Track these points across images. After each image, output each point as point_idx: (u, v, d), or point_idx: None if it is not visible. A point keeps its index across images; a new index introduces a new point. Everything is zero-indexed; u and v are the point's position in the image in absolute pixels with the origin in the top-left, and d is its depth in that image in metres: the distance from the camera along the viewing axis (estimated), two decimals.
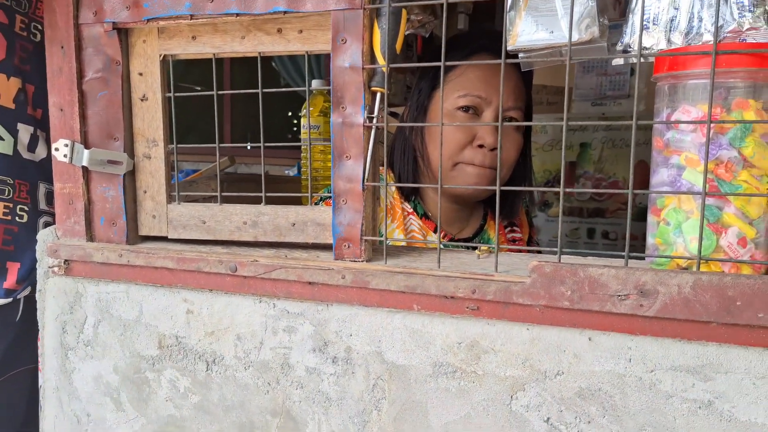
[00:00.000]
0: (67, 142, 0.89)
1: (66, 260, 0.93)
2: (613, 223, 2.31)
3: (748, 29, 0.70)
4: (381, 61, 0.76)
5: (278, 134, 5.37)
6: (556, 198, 2.39)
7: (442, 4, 0.82)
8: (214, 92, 0.86)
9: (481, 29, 1.26)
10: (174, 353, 0.90)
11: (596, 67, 2.50)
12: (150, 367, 0.92)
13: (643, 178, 2.44)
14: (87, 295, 0.93)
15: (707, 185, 0.65)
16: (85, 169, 0.91)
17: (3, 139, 0.99)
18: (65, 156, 0.89)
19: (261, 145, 0.85)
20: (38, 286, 0.97)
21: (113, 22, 0.86)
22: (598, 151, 2.32)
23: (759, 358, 0.64)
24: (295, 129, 5.20)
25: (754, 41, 0.69)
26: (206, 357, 0.88)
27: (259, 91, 0.84)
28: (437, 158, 1.10)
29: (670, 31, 0.75)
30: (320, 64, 4.32)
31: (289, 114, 5.28)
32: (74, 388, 0.97)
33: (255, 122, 4.97)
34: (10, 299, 1.03)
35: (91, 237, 0.94)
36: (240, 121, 5.08)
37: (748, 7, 0.70)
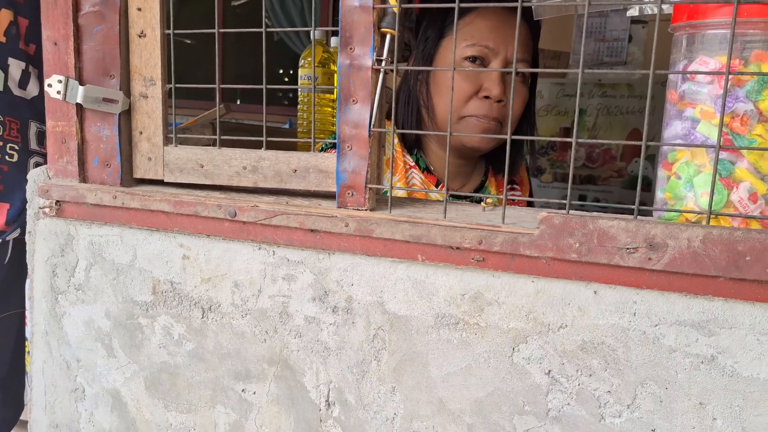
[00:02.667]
0: (61, 78, 0.85)
1: (57, 201, 0.90)
2: (605, 190, 2.31)
3: None
4: (392, 1, 0.74)
5: (268, 91, 5.28)
6: (549, 164, 2.39)
7: None
8: (215, 30, 0.83)
9: None
10: (169, 299, 0.88)
11: (594, 32, 2.47)
12: (143, 312, 0.90)
13: (634, 147, 2.44)
14: (79, 238, 0.91)
15: (722, 139, 0.64)
16: (79, 107, 0.88)
17: None
18: (59, 92, 0.86)
19: (263, 87, 0.83)
20: (28, 228, 0.94)
21: None
22: (592, 118, 2.31)
23: (764, 314, 0.63)
24: (286, 80, 5.12)
25: None
26: (202, 304, 0.87)
27: (262, 30, 0.81)
28: (442, 109, 1.08)
29: None
30: (315, 17, 4.25)
31: (280, 72, 5.19)
32: (64, 333, 0.95)
33: (244, 78, 4.87)
34: None
35: (84, 178, 0.91)
36: (229, 79, 4.99)
37: None
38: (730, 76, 0.64)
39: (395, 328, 0.78)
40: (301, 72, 1.40)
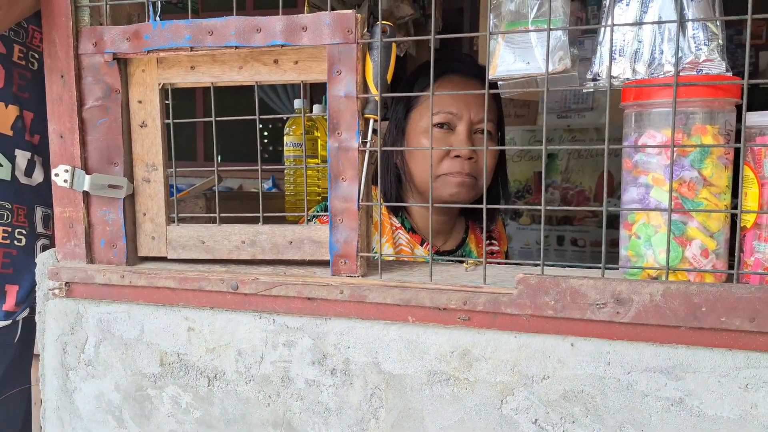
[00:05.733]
0: (68, 167, 0.92)
1: (67, 282, 0.96)
2: (581, 230, 2.41)
3: (704, 61, 0.78)
4: (374, 90, 0.82)
5: (245, 144, 5.40)
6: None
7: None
8: (213, 119, 0.90)
9: (448, 53, 1.36)
10: (176, 370, 0.93)
11: None
12: (152, 384, 0.95)
13: (607, 186, 2.54)
14: (88, 316, 0.96)
15: (673, 202, 0.72)
16: (85, 194, 0.94)
17: (2, 165, 1.02)
18: (65, 181, 0.92)
19: (258, 168, 0.90)
20: (38, 308, 0.99)
21: (113, 53, 0.90)
22: (564, 162, 2.42)
23: (722, 358, 0.71)
24: (266, 140, 5.21)
25: (710, 72, 0.76)
26: (207, 373, 0.92)
27: (256, 117, 0.89)
28: (419, 173, 1.18)
29: (635, 61, 0.83)
30: (294, 86, 4.36)
31: (260, 126, 5.29)
32: (75, 407, 0.99)
33: (222, 131, 4.95)
34: (9, 321, 1.05)
35: (91, 259, 0.97)
36: (210, 136, 5.09)
37: (703, 41, 0.78)
38: (676, 148, 0.73)
39: (391, 386, 0.84)
40: (286, 139, 1.48)
